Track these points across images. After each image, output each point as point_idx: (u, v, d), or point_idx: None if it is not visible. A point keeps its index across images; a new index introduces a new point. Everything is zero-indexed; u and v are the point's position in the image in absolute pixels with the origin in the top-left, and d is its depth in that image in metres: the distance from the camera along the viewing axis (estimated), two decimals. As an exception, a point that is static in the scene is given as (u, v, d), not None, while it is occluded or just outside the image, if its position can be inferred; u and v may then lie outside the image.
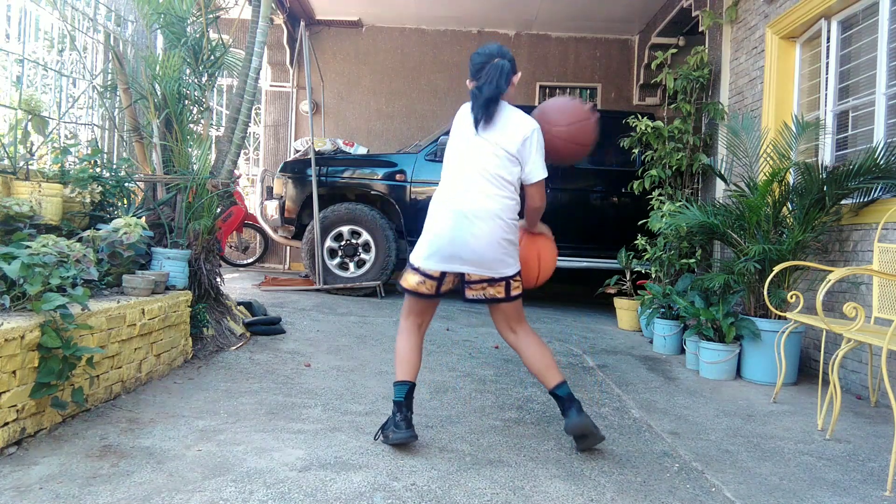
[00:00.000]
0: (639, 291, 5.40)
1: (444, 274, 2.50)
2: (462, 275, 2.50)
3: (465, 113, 2.58)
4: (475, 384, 3.45)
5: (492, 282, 2.50)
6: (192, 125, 3.99)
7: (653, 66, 6.73)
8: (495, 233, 2.45)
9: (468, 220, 2.43)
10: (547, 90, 9.18)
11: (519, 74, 2.61)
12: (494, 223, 2.45)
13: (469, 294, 2.55)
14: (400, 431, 2.39)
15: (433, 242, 2.48)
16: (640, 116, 5.89)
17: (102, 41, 3.98)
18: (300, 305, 5.33)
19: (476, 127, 2.50)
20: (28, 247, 2.43)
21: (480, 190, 2.46)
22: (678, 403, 3.39)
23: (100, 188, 3.40)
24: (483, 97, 2.47)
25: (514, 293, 2.55)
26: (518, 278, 2.57)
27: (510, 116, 2.52)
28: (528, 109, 2.72)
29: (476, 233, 2.43)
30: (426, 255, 2.50)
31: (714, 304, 4.18)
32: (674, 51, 6.26)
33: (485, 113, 2.48)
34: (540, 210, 2.67)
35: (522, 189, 2.59)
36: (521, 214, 2.62)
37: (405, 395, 2.46)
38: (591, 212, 6.45)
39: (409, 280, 2.54)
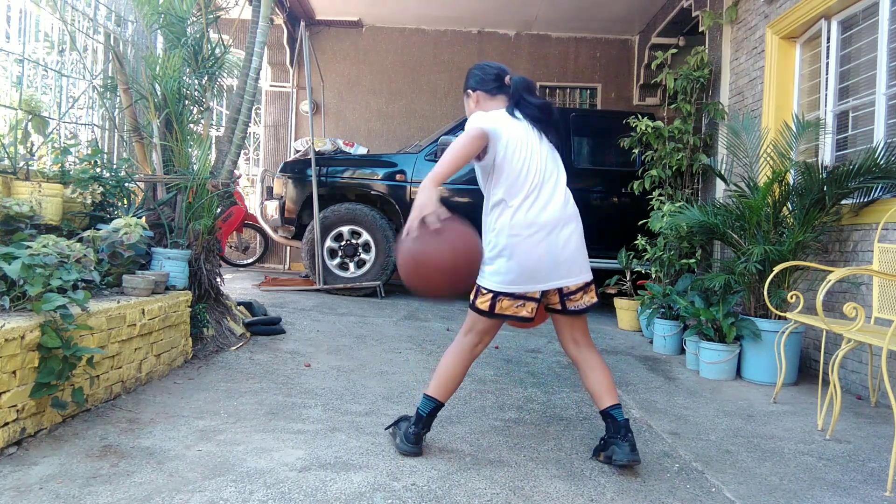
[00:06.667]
0: (639, 291, 5.40)
1: (543, 293, 2.36)
2: (560, 288, 2.36)
3: (512, 120, 2.38)
4: (475, 384, 3.45)
5: (586, 287, 2.39)
6: (192, 125, 3.99)
7: (653, 66, 6.74)
8: (580, 231, 2.38)
9: (559, 229, 2.31)
10: (547, 90, 9.18)
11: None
12: (577, 223, 2.39)
13: (570, 305, 2.38)
14: (408, 445, 2.38)
15: (527, 265, 2.28)
16: (640, 116, 5.89)
17: (102, 41, 3.98)
18: (300, 305, 5.33)
19: (542, 134, 2.41)
20: (28, 247, 2.43)
21: (560, 196, 2.36)
22: (678, 403, 3.39)
23: (100, 188, 3.40)
24: (539, 103, 2.41)
25: (596, 296, 2.47)
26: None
27: None
28: None
29: (567, 237, 2.32)
30: (524, 279, 2.30)
31: (714, 305, 4.18)
32: (674, 51, 6.26)
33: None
34: None
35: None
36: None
37: (429, 412, 2.41)
38: (591, 212, 6.43)
39: (503, 305, 2.32)
